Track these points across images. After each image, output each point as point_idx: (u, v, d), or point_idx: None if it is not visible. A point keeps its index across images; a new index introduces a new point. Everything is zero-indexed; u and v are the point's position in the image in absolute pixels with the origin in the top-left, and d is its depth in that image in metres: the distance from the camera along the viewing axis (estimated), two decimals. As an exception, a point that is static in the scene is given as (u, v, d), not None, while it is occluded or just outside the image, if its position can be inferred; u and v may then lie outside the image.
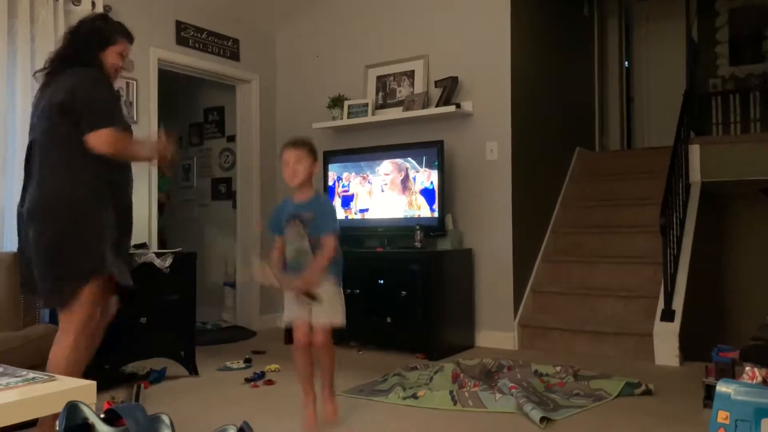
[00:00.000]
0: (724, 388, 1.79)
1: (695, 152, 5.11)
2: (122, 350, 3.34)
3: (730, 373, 2.77)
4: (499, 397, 3.02)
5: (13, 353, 2.64)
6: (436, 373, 3.48)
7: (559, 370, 3.51)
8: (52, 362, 2.37)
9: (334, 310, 2.63)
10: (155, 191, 4.50)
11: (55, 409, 1.37)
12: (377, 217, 4.73)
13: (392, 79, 4.99)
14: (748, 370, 2.48)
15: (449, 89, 4.59)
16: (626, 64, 7.06)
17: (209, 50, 5.02)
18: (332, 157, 4.94)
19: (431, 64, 4.83)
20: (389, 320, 4.25)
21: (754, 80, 6.74)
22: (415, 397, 3.10)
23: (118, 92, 2.74)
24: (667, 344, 3.92)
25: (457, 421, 2.83)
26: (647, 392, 3.18)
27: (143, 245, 3.90)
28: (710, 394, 2.59)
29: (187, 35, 4.83)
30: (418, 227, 4.39)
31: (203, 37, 4.96)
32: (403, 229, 4.56)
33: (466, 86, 4.64)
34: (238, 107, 5.57)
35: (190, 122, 6.49)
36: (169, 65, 4.75)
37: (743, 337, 3.30)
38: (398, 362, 3.87)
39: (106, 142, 2.35)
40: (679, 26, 7.02)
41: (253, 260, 2.75)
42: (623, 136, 6.88)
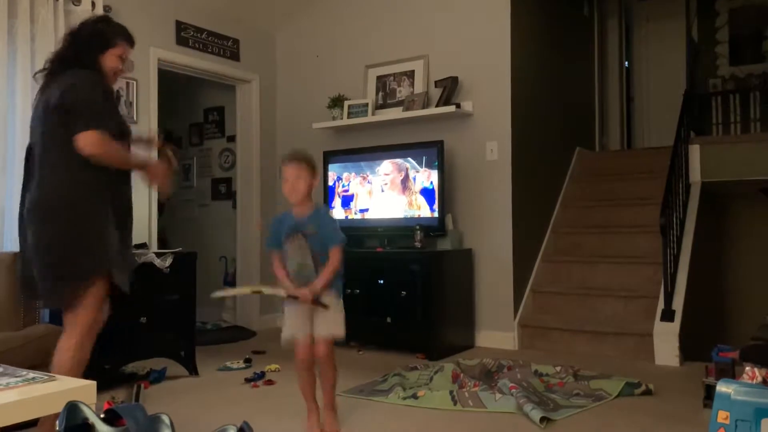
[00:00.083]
0: (724, 388, 1.79)
1: (695, 152, 5.12)
2: (122, 350, 3.34)
3: (730, 373, 2.77)
4: (499, 397, 3.02)
5: (13, 353, 2.64)
6: (436, 373, 3.48)
7: (559, 370, 3.51)
8: (56, 363, 2.37)
9: (335, 321, 2.62)
10: (155, 191, 4.49)
11: (55, 409, 1.37)
12: (377, 217, 4.73)
13: (392, 79, 4.99)
14: (748, 370, 2.48)
15: (449, 89, 4.59)
16: (626, 64, 7.06)
17: (209, 50, 5.02)
18: (332, 157, 4.95)
19: (431, 64, 4.83)
20: (389, 320, 4.26)
21: (754, 80, 6.74)
22: (415, 397, 3.10)
23: (117, 93, 2.73)
24: (667, 344, 3.93)
25: (457, 421, 2.83)
26: (647, 392, 3.18)
27: (143, 245, 3.90)
28: (710, 394, 2.59)
29: (187, 35, 4.83)
30: (418, 227, 4.39)
31: (203, 37, 4.96)
32: (403, 229, 4.56)
33: (466, 86, 4.65)
34: (238, 107, 5.58)
35: (190, 122, 6.49)
36: (169, 65, 4.75)
37: (743, 337, 3.31)
38: (398, 362, 3.87)
39: (90, 143, 2.33)
40: (679, 26, 7.02)
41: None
42: (623, 136, 6.88)
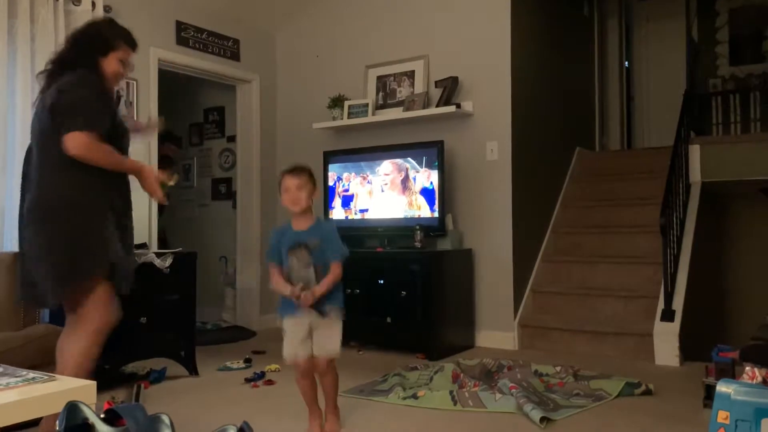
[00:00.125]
0: (724, 388, 1.79)
1: (695, 152, 5.12)
2: (122, 350, 3.34)
3: (730, 373, 2.77)
4: (499, 397, 3.02)
5: (13, 353, 2.64)
6: (436, 373, 3.48)
7: (559, 370, 3.51)
8: (60, 363, 2.37)
9: (334, 341, 2.62)
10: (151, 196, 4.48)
11: (55, 409, 1.37)
12: (377, 217, 4.73)
13: (392, 79, 4.99)
14: (748, 370, 2.48)
15: (449, 89, 4.59)
16: (626, 64, 7.06)
17: (209, 50, 5.02)
18: (332, 157, 4.95)
19: (431, 64, 4.82)
20: (389, 320, 4.25)
21: (754, 80, 6.74)
22: (415, 397, 3.10)
23: (118, 93, 2.71)
24: (667, 344, 3.92)
25: (457, 421, 2.83)
26: (647, 392, 3.18)
27: (143, 245, 3.90)
28: (710, 394, 2.59)
29: (187, 35, 4.83)
30: (418, 227, 4.39)
31: (203, 37, 4.96)
32: (403, 229, 4.56)
33: (466, 86, 4.64)
34: (238, 107, 5.57)
35: (190, 122, 6.49)
36: (169, 65, 4.75)
37: (743, 337, 3.30)
38: (398, 362, 3.87)
39: (76, 144, 2.31)
40: (679, 26, 7.03)
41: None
42: (623, 136, 6.87)
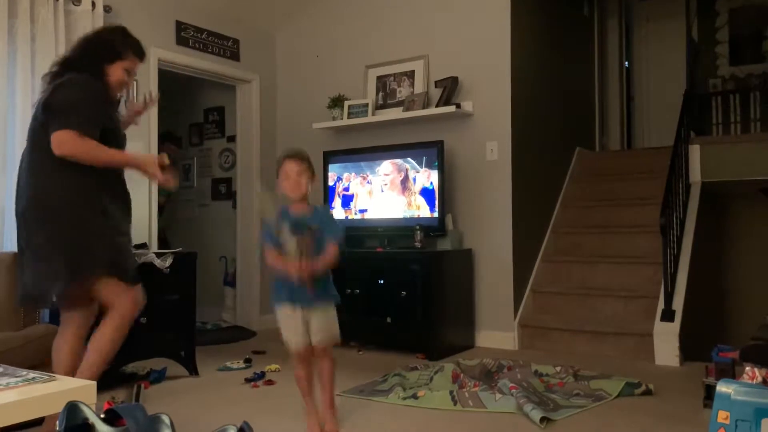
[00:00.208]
0: (724, 388, 1.79)
1: (695, 152, 5.12)
2: (122, 350, 3.30)
3: (730, 373, 2.77)
4: (499, 397, 3.02)
5: (13, 353, 2.64)
6: (436, 373, 3.48)
7: (559, 370, 3.51)
8: (57, 362, 2.39)
9: (332, 326, 2.61)
10: (155, 192, 4.49)
11: (55, 409, 1.37)
12: (377, 217, 4.73)
13: (392, 79, 4.99)
14: (748, 370, 2.48)
15: (449, 89, 4.59)
16: (626, 64, 7.06)
17: (209, 50, 5.02)
18: (332, 157, 4.95)
19: (431, 64, 4.82)
20: (389, 320, 4.26)
21: (754, 80, 6.74)
22: (415, 397, 3.10)
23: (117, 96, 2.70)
24: (667, 344, 3.93)
25: (457, 421, 2.83)
26: (647, 392, 3.18)
27: (143, 245, 3.90)
28: (710, 394, 2.59)
29: (187, 35, 4.83)
30: (418, 227, 4.39)
31: (203, 37, 4.96)
32: (403, 229, 4.56)
33: (466, 86, 4.64)
34: (238, 107, 5.57)
35: (190, 122, 6.49)
36: (169, 65, 4.75)
37: (743, 337, 3.30)
38: (398, 362, 3.87)
39: (60, 143, 2.30)
40: (679, 26, 7.03)
41: (257, 188, 2.66)
42: (623, 136, 6.88)
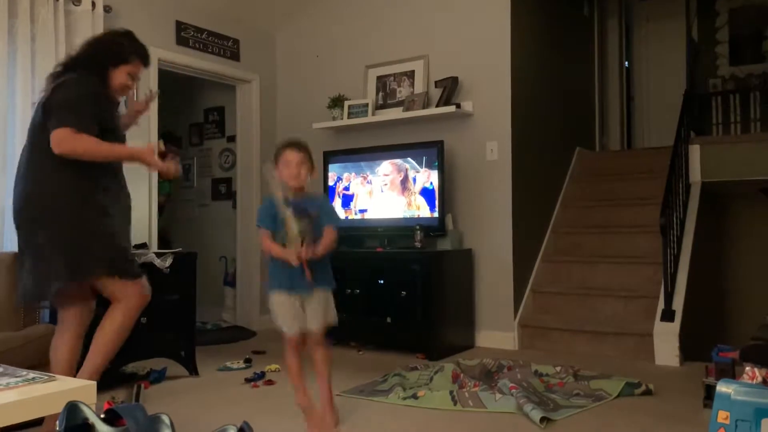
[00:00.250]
0: (724, 388, 1.79)
1: (695, 152, 5.12)
2: (122, 350, 3.31)
3: (730, 373, 2.77)
4: (499, 397, 3.02)
5: (13, 353, 2.64)
6: (436, 373, 3.48)
7: (559, 370, 3.51)
8: (55, 361, 2.39)
9: (330, 310, 2.63)
10: (155, 191, 4.50)
11: (55, 409, 1.37)
12: (377, 217, 4.73)
13: (392, 79, 4.99)
14: (748, 370, 2.48)
15: (449, 89, 4.59)
16: (626, 64, 7.06)
17: (209, 50, 5.02)
18: (332, 157, 4.95)
19: (431, 64, 4.82)
20: (389, 320, 4.26)
21: (754, 80, 6.74)
22: (415, 397, 3.10)
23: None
24: (667, 344, 3.93)
25: (457, 421, 2.83)
26: (647, 392, 3.18)
27: (143, 245, 3.90)
28: (710, 394, 2.59)
29: (187, 35, 4.83)
30: (418, 227, 4.39)
31: (203, 37, 4.96)
32: (403, 229, 4.56)
33: (466, 86, 4.64)
34: (238, 107, 5.57)
35: (190, 122, 6.49)
36: (169, 65, 4.74)
37: (743, 337, 3.30)
38: (398, 362, 3.87)
39: (58, 140, 2.30)
40: (679, 26, 7.02)
41: (266, 168, 2.67)
42: (623, 136, 6.87)
